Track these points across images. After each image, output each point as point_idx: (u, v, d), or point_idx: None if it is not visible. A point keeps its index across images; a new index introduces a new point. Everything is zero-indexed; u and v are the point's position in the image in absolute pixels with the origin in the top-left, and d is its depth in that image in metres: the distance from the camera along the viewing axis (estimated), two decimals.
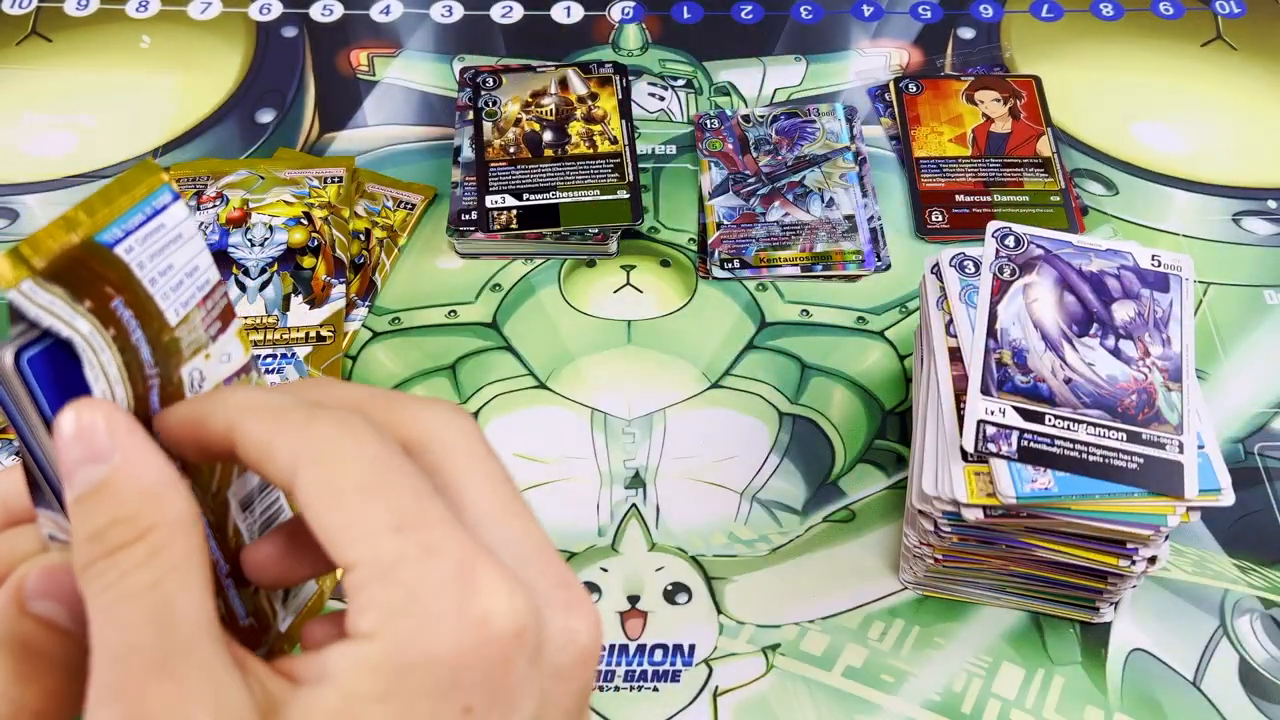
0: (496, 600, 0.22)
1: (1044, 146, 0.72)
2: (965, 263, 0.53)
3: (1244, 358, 0.64)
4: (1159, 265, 0.52)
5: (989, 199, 0.70)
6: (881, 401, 0.63)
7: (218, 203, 0.66)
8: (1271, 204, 0.72)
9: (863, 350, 0.64)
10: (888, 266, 0.68)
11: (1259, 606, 0.55)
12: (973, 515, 0.47)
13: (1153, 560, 0.49)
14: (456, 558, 0.22)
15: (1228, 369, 0.64)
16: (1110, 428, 0.48)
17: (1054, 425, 0.48)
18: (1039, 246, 0.53)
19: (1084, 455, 0.47)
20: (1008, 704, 0.52)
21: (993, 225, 0.53)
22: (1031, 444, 0.48)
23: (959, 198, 0.70)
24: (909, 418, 0.61)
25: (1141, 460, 0.47)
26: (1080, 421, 0.48)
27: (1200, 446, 0.48)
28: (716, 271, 0.67)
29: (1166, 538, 0.48)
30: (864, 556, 0.57)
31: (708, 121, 0.74)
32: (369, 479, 0.23)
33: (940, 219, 0.70)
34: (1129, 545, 0.48)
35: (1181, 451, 0.47)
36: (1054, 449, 0.47)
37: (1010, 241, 0.53)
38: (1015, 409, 0.48)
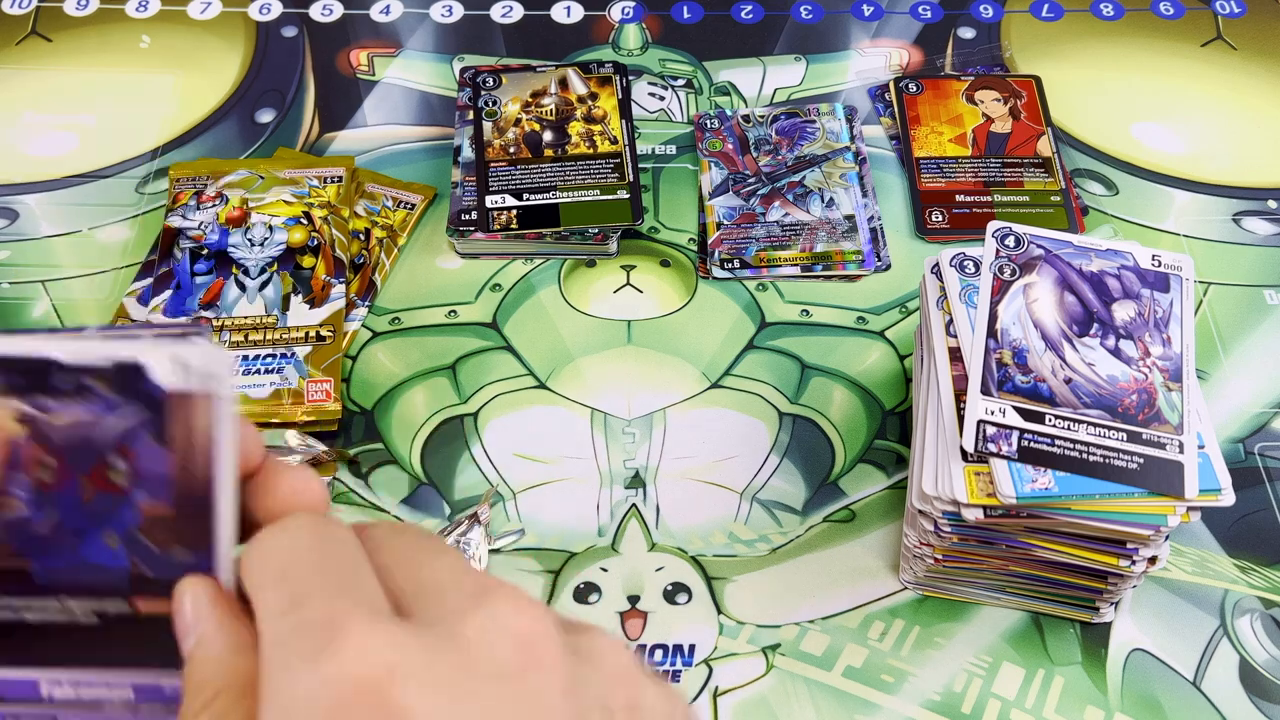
0: (349, 647, 0.22)
1: (1044, 146, 0.72)
2: (965, 262, 0.53)
3: (1244, 358, 0.64)
4: (1159, 265, 0.52)
5: (989, 199, 0.70)
6: (881, 401, 0.63)
7: (217, 202, 0.66)
8: (1272, 204, 0.72)
9: (863, 350, 0.64)
10: (888, 266, 0.68)
11: (1259, 606, 0.55)
12: (973, 515, 0.47)
13: (1153, 560, 0.49)
14: (322, 619, 0.22)
15: (1228, 369, 0.64)
16: (1110, 428, 0.48)
17: (1054, 425, 0.48)
18: (1039, 246, 0.53)
19: (1084, 455, 0.47)
20: (1008, 704, 0.52)
21: (993, 225, 0.53)
22: (1032, 444, 0.48)
23: (959, 198, 0.70)
24: (909, 418, 0.61)
25: (1142, 460, 0.47)
26: (1080, 421, 0.48)
27: (1200, 446, 0.48)
28: (716, 271, 0.67)
29: (1166, 538, 0.48)
30: (864, 556, 0.57)
31: (708, 121, 0.74)
32: (283, 573, 0.24)
33: (940, 219, 0.70)
34: (1129, 545, 0.48)
35: (1182, 451, 0.47)
36: (1054, 449, 0.47)
37: (1010, 241, 0.53)
38: (1015, 409, 0.48)
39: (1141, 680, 0.53)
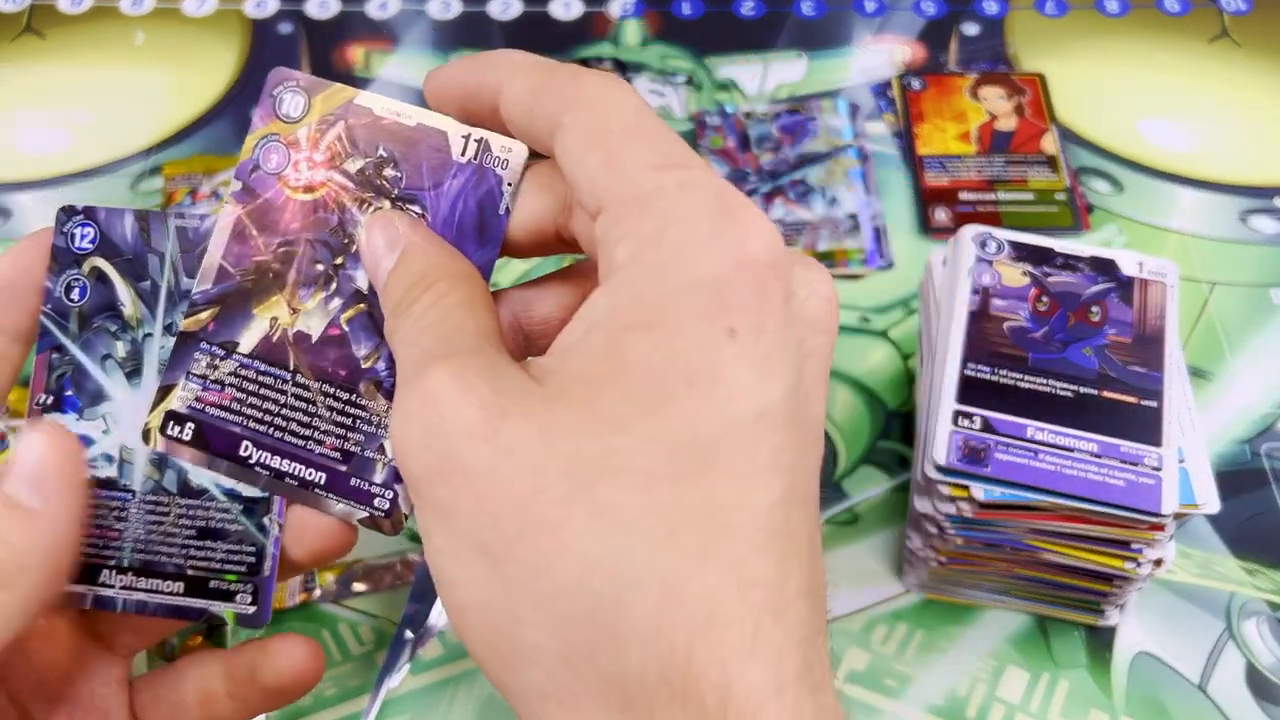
0: (753, 228, 0.23)
1: (1049, 144, 0.72)
2: (988, 241, 0.51)
3: (1251, 358, 0.64)
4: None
5: (993, 196, 0.69)
6: (884, 402, 0.62)
7: (212, 200, 0.66)
8: (1278, 202, 0.71)
9: (865, 350, 0.64)
10: (891, 265, 0.67)
11: (1265, 609, 0.55)
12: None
13: (1158, 563, 0.48)
14: (713, 190, 0.24)
15: (1234, 369, 0.63)
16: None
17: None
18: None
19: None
20: (1012, 708, 0.52)
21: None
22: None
23: (963, 195, 0.70)
24: (912, 419, 0.61)
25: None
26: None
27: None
28: None
29: (1171, 538, 0.48)
30: (867, 559, 0.56)
31: (709, 118, 0.74)
32: (632, 124, 0.25)
33: (944, 217, 0.69)
34: (1134, 545, 0.48)
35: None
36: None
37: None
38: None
39: (1147, 683, 0.52)
